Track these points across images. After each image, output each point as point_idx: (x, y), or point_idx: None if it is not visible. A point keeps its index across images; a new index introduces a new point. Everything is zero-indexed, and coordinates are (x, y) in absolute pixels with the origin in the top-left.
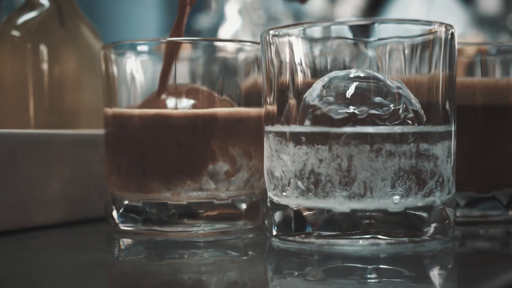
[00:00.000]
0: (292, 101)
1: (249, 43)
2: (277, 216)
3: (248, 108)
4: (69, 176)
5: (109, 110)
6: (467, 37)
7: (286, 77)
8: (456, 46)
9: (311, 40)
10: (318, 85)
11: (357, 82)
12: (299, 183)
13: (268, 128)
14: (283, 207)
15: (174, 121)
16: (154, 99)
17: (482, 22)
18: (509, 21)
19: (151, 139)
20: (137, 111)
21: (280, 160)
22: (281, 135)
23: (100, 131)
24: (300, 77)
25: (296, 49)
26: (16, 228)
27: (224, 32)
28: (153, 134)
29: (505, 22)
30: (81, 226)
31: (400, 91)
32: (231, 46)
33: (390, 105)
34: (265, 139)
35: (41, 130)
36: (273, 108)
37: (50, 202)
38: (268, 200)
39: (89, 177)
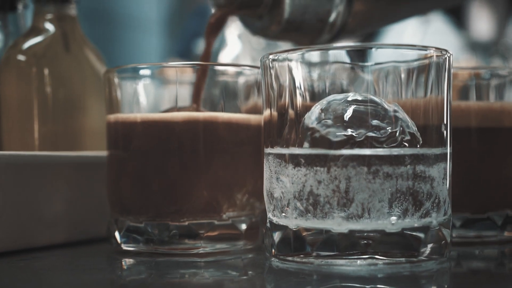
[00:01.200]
0: (291, 124)
1: (249, 67)
2: (277, 236)
3: (248, 115)
4: (72, 197)
5: (111, 117)
6: (461, 61)
7: (286, 100)
8: (452, 71)
9: (310, 65)
10: (316, 108)
11: (355, 105)
12: (298, 204)
13: (267, 150)
14: (283, 228)
15: (176, 126)
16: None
17: (475, 47)
18: (501, 46)
19: (154, 153)
20: (139, 116)
21: (280, 182)
22: (280, 157)
23: (103, 153)
24: (299, 100)
25: (295, 73)
26: (20, 248)
27: (225, 56)
28: (155, 144)
29: (498, 47)
30: (84, 247)
31: (397, 114)
32: (231, 70)
33: (387, 128)
34: (264, 161)
35: (45, 152)
36: (272, 130)
37: (53, 223)
38: (267, 221)
39: (92, 198)
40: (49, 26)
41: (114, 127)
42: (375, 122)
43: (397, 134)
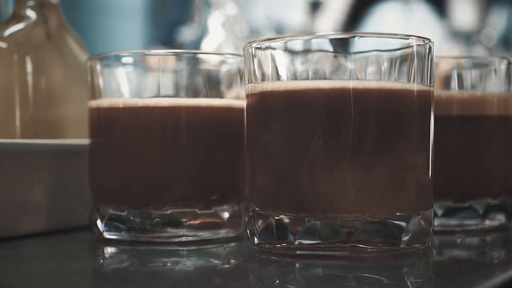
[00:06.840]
0: None
1: (231, 56)
2: (259, 225)
3: (231, 101)
4: (53, 185)
5: (93, 104)
6: (443, 50)
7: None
8: (434, 60)
9: (293, 53)
10: None
11: None
12: None
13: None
14: (265, 216)
15: (158, 113)
16: None
17: (457, 36)
18: (483, 35)
19: (135, 140)
20: (121, 102)
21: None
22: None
23: (85, 141)
24: None
25: (278, 61)
26: (1, 236)
27: (207, 44)
28: (137, 131)
29: (479, 37)
30: (66, 235)
31: None
32: (214, 59)
33: None
34: (248, 150)
35: (26, 140)
36: (256, 119)
37: (35, 211)
38: (250, 209)
39: (73, 186)
40: (31, 13)
41: (96, 114)
42: None
43: None
